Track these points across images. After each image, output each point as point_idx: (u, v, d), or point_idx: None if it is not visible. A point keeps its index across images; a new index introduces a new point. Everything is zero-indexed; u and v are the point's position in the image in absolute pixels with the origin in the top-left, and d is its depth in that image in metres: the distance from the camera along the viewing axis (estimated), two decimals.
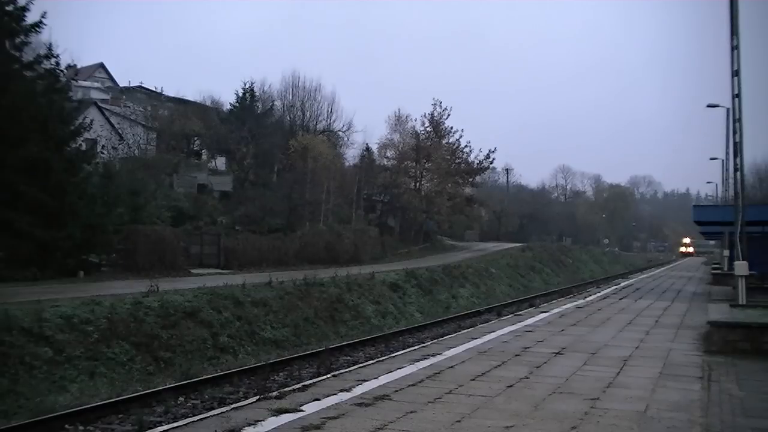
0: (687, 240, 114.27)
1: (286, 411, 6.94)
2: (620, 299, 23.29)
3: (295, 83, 52.38)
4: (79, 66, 41.14)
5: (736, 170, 18.38)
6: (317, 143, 47.17)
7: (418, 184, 54.60)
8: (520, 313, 19.28)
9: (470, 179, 58.44)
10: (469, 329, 15.73)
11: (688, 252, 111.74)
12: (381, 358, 11.50)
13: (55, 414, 10.44)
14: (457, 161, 56.08)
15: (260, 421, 6.57)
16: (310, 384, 8.57)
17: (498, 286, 39.40)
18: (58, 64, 25.10)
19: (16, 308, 13.91)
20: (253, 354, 17.36)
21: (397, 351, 13.51)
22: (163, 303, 16.79)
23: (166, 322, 16.21)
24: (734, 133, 17.97)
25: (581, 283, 44.03)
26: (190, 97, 51.54)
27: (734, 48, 17.10)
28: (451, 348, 11.57)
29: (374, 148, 56.19)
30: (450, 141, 55.77)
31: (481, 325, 16.62)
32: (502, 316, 19.42)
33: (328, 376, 9.42)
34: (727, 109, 25.75)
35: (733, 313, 13.77)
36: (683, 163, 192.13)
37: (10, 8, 23.28)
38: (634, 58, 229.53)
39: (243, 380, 13.66)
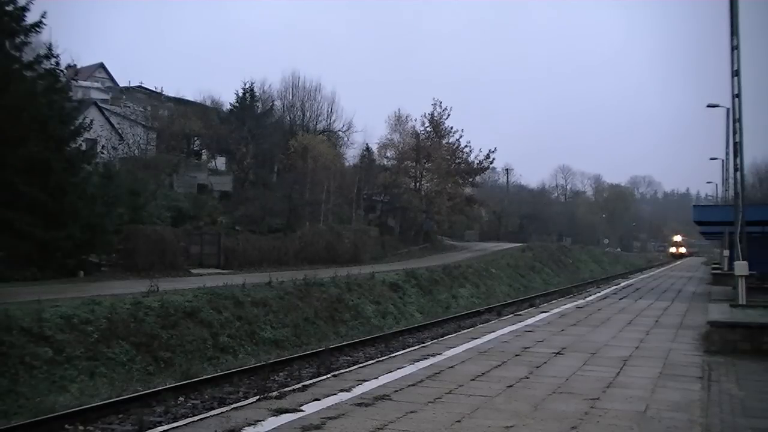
0: (678, 238, 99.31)
1: (286, 411, 6.95)
2: (620, 299, 23.28)
3: (295, 83, 52.64)
4: (79, 66, 41.38)
5: (736, 170, 18.39)
6: (317, 143, 47.22)
7: (418, 184, 54.62)
8: (520, 313, 19.28)
9: (470, 179, 58.50)
10: (469, 329, 15.73)
11: (680, 253, 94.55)
12: (381, 358, 11.50)
13: (55, 414, 10.43)
14: (457, 161, 56.13)
15: (260, 421, 6.58)
16: (310, 384, 8.57)
17: (498, 286, 39.38)
18: (58, 64, 25.10)
19: (16, 308, 13.91)
20: (253, 354, 17.36)
21: (397, 351, 13.50)
22: (163, 303, 16.80)
23: (166, 322, 16.22)
24: (734, 133, 17.98)
25: (581, 283, 43.98)
26: (190, 97, 51.67)
27: (734, 48, 17.11)
28: (451, 348, 11.57)
29: (374, 148, 56.33)
30: (450, 141, 55.88)
31: (481, 325, 16.61)
32: (502, 316, 19.43)
33: (328, 376, 9.42)
34: (727, 109, 25.79)
35: (733, 313, 13.76)
36: (683, 163, 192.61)
37: (10, 8, 23.25)
38: (634, 58, 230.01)
39: (243, 380, 13.65)
